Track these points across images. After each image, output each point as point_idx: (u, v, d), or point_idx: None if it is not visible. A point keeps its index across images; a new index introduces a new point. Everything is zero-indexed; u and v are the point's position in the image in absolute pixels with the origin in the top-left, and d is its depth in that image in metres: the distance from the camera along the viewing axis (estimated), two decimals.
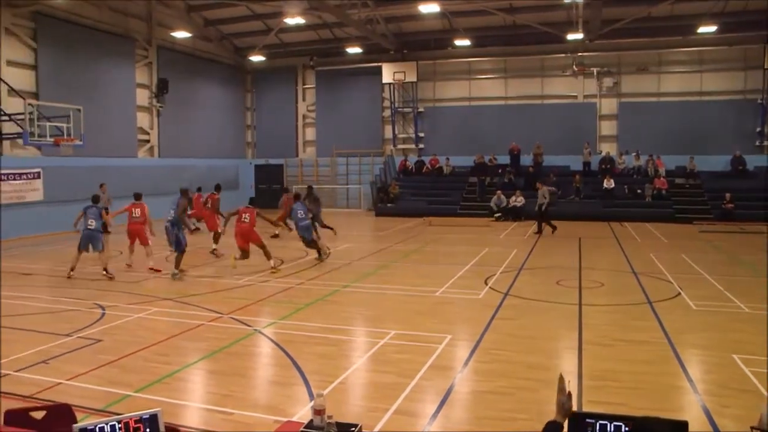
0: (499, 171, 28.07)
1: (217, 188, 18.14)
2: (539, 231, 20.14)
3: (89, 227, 13.18)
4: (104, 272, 13.10)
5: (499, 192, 25.55)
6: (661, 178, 25.62)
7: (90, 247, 13.35)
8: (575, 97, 28.99)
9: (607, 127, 28.88)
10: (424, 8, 23.23)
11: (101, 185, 18.46)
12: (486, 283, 11.99)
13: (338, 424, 3.33)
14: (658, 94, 27.91)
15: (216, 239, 16.28)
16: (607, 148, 28.11)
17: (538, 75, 29.42)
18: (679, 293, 10.92)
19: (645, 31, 25.97)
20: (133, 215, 14.29)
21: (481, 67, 30.27)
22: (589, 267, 13.88)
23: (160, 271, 13.58)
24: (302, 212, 15.20)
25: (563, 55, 28.40)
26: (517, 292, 11.22)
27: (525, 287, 11.66)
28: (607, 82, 28.27)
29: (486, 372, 6.92)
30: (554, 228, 20.00)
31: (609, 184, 25.59)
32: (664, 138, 26.91)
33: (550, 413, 5.77)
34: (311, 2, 23.56)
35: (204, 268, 14.39)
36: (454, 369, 7.07)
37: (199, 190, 17.61)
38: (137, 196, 14.54)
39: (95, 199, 13.94)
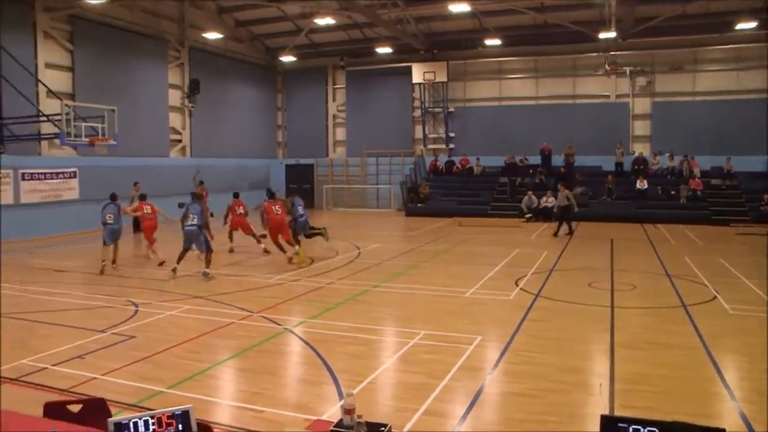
0: (530, 171, 27.86)
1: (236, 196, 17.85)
2: (557, 233, 19.84)
3: (109, 222, 13.97)
4: (113, 264, 14.08)
5: (530, 192, 25.36)
6: (696, 179, 25.15)
7: (112, 240, 14.10)
8: (607, 96, 28.63)
9: (640, 127, 28.47)
10: (455, 8, 23.14)
11: (135, 184, 18.77)
12: (517, 284, 11.90)
13: (368, 424, 3.33)
14: (693, 93, 27.41)
15: (258, 239, 16.54)
16: (640, 149, 27.70)
17: (570, 74, 29.13)
18: (715, 297, 10.71)
19: (679, 29, 25.54)
20: (145, 212, 15.09)
21: (512, 66, 30.08)
22: (622, 269, 13.69)
23: (164, 262, 14.27)
24: (302, 208, 15.49)
25: (595, 54, 28.08)
26: (548, 293, 11.13)
27: (556, 289, 11.54)
28: (641, 81, 27.86)
29: (516, 374, 6.87)
30: (571, 232, 19.73)
31: (642, 184, 25.22)
32: (699, 138, 26.39)
33: (581, 416, 5.74)
34: (341, 2, 23.65)
35: (234, 267, 14.53)
36: (484, 370, 7.04)
37: (236, 196, 17.47)
38: (143, 197, 15.49)
39: (113, 197, 14.60)
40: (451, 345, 7.90)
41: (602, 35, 24.52)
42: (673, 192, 25.22)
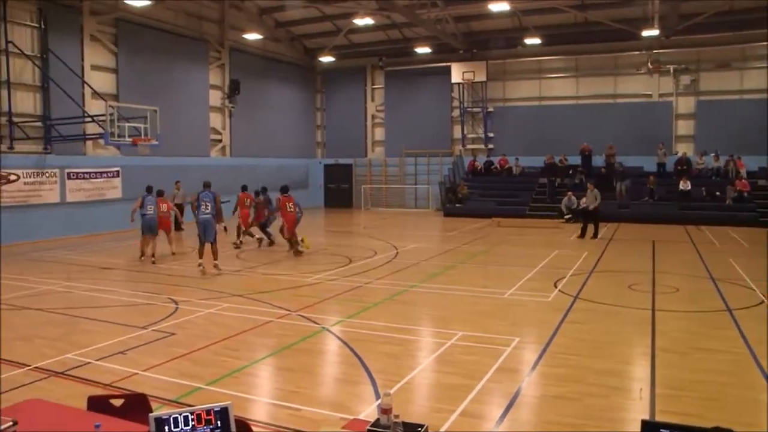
0: (570, 172, 27.49)
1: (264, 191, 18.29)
2: (582, 235, 19.33)
3: (148, 213, 14.83)
4: (152, 258, 14.84)
5: (569, 193, 25.02)
6: (743, 180, 24.48)
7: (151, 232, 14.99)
8: (650, 95, 28.07)
9: (684, 127, 27.84)
10: (494, 7, 22.98)
11: (176, 182, 19.10)
12: (555, 286, 11.77)
13: (404, 424, 3.33)
14: (741, 91, 26.67)
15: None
16: (684, 149, 27.05)
17: (611, 73, 28.66)
18: (763, 301, 10.41)
19: (726, 26, 24.85)
20: (161, 210, 15.55)
21: (552, 65, 29.73)
22: (664, 271, 13.42)
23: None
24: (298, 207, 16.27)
25: (637, 52, 27.56)
26: (587, 295, 10.97)
27: (596, 291, 11.37)
28: (685, 79, 27.24)
29: (554, 376, 6.79)
30: (596, 235, 19.30)
31: (685, 185, 24.64)
32: (746, 138, 25.59)
33: (621, 421, 5.66)
34: (381, 3, 23.69)
35: (273, 265, 14.68)
36: (521, 372, 6.97)
37: (264, 191, 17.83)
38: (160, 193, 15.89)
39: (149, 189, 15.45)
40: (489, 346, 7.85)
41: (645, 33, 24.03)
42: (718, 193, 24.60)
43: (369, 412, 5.71)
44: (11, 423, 3.23)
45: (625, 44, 27.08)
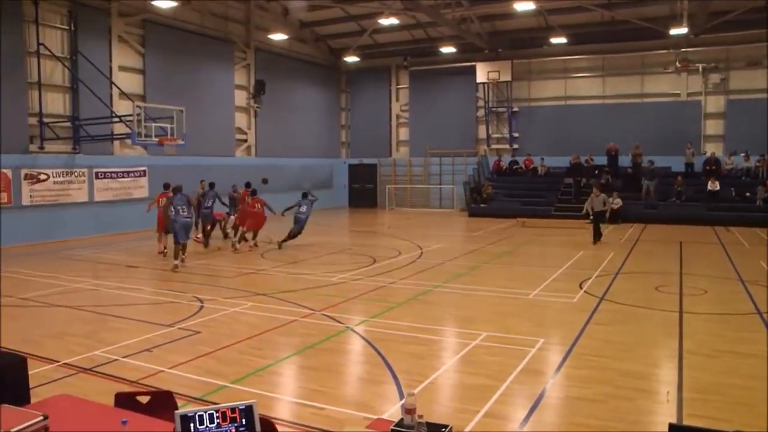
0: (596, 172, 27.21)
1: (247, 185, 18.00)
2: (596, 239, 18.57)
3: (182, 214, 14.70)
4: (181, 260, 14.60)
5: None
6: None
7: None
8: (678, 95, 27.67)
9: (713, 126, 27.39)
10: (519, 6, 22.85)
11: (201, 181, 19.29)
12: (581, 287, 11.67)
13: (428, 425, 3.33)
14: None
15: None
16: (713, 149, 26.62)
17: (638, 72, 28.28)
18: None
19: (757, 23, 24.32)
20: (161, 204, 15.86)
21: (578, 65, 29.46)
22: (691, 273, 13.22)
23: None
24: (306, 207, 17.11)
25: (665, 51, 27.18)
26: (613, 297, 10.86)
27: (622, 292, 11.25)
28: (714, 78, 26.80)
29: (579, 378, 6.73)
30: (598, 239, 18.35)
31: (714, 186, 24.26)
32: None
33: (647, 424, 5.59)
34: (405, 2, 23.68)
35: (297, 265, 14.75)
36: (546, 374, 6.93)
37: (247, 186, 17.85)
38: (166, 186, 16.14)
39: (178, 189, 15.35)
40: (513, 347, 7.81)
41: (673, 31, 23.68)
42: (748, 194, 24.17)
43: (393, 411, 5.72)
44: (42, 417, 3.30)
45: (653, 43, 26.74)
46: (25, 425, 3.23)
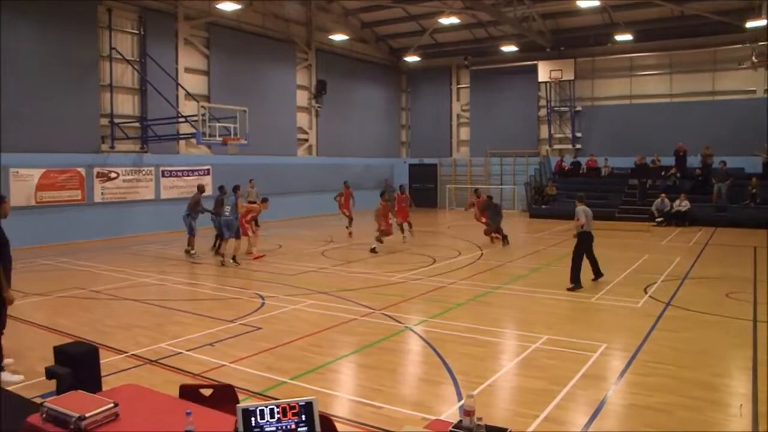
0: (663, 173, 26.40)
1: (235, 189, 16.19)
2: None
3: (225, 215, 14.97)
4: (231, 260, 14.65)
5: (662, 195, 24.05)
6: None
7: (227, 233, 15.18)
8: (753, 92, 26.46)
9: None
10: (583, 3, 22.38)
11: (250, 180, 19.58)
12: (645, 292, 11.33)
13: (487, 427, 3.29)
14: None
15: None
16: None
17: (709, 69, 27.20)
18: None
19: None
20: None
21: (644, 62, 28.59)
22: (766, 280, 12.66)
23: (263, 256, 15.45)
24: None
25: (740, 45, 26.02)
26: (680, 302, 10.50)
27: (689, 298, 10.86)
28: None
29: (643, 385, 6.53)
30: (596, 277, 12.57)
31: None
32: None
33: None
34: (466, 1, 23.51)
35: (358, 264, 14.84)
36: (608, 380, 6.76)
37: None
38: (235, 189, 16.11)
39: (235, 189, 15.63)
40: (574, 351, 7.65)
41: (749, 24, 22.67)
42: None
43: (450, 413, 5.69)
44: (113, 405, 3.47)
45: (726, 37, 25.67)
46: (98, 411, 3.40)
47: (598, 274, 12.34)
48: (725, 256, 16.08)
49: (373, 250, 16.32)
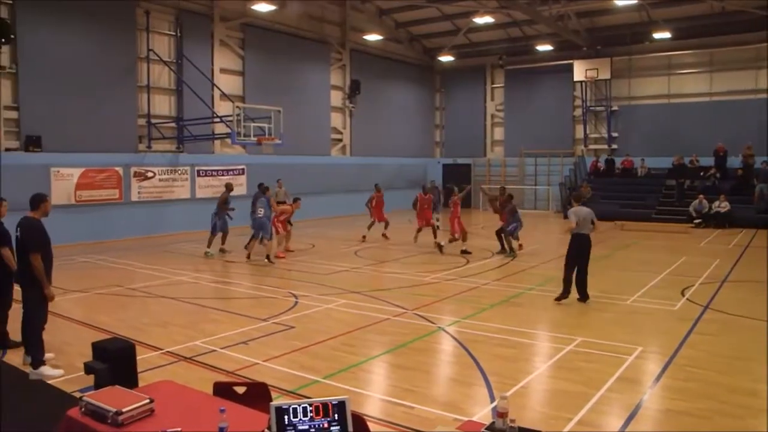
0: (701, 173, 25.86)
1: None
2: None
3: (258, 216, 15.07)
4: (266, 259, 14.72)
5: (701, 196, 23.58)
6: None
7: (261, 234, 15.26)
8: None
9: None
10: (620, 1, 22.07)
11: (278, 180, 19.69)
12: (683, 294, 11.12)
13: (520, 429, 3.27)
14: None
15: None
16: None
17: (752, 67, 26.44)
18: None
19: None
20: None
21: (683, 61, 28.02)
22: None
23: (284, 257, 15.44)
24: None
25: None
26: (719, 305, 10.28)
27: (729, 301, 10.63)
28: None
29: (680, 390, 6.41)
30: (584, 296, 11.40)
31: None
32: None
33: None
34: (501, 1, 23.35)
35: (391, 264, 14.85)
36: (644, 383, 6.65)
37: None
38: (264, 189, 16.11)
39: (264, 189, 15.75)
40: (609, 354, 7.54)
41: None
42: None
43: (483, 414, 5.66)
44: (149, 400, 3.55)
45: None
46: (135, 406, 3.49)
47: (583, 294, 10.59)
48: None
49: (439, 247, 16.36)
